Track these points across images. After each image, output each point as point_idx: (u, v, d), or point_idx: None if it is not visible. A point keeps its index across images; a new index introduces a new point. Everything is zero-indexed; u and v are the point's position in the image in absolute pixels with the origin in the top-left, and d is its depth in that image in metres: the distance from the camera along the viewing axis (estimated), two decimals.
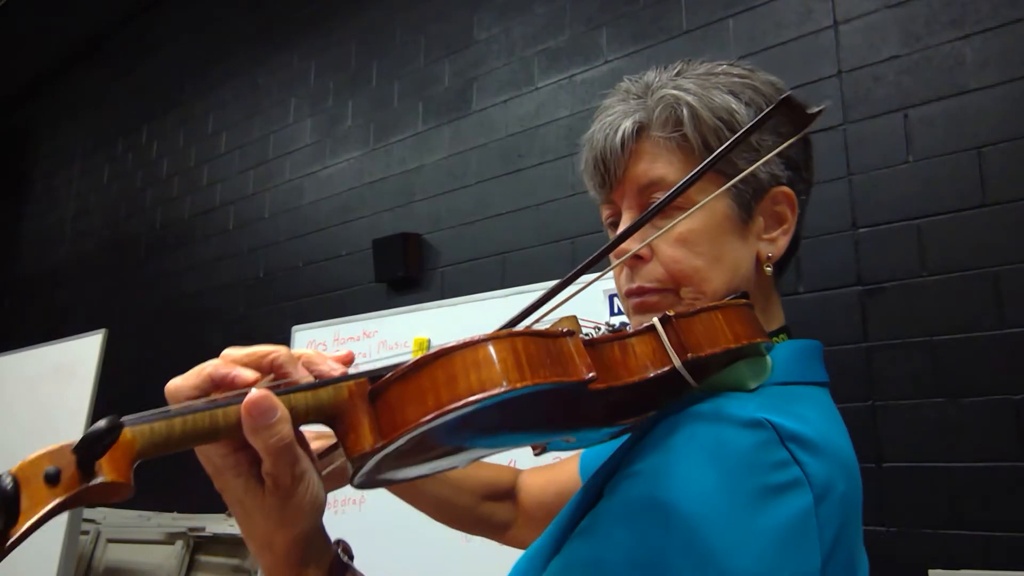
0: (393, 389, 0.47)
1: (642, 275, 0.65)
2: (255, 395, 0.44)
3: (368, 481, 0.52)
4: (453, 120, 2.83)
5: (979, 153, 1.74)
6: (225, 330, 3.50)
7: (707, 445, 0.52)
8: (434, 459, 0.56)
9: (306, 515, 0.48)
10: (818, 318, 1.87)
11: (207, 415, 0.44)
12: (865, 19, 1.94)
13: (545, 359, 0.47)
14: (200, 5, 4.22)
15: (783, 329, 0.69)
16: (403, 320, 2.28)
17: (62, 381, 2.92)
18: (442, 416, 0.44)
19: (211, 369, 0.48)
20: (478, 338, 0.46)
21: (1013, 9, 1.74)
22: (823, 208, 1.91)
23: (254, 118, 3.68)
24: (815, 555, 0.50)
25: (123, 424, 0.40)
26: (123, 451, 0.40)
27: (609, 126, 0.65)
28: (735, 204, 0.64)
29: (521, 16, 2.70)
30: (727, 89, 0.64)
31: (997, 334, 1.66)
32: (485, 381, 0.44)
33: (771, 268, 0.66)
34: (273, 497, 0.47)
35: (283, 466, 0.46)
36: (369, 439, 0.47)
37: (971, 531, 1.62)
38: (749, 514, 0.49)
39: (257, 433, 0.44)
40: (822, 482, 0.52)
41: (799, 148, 0.67)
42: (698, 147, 0.62)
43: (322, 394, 0.48)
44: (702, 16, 2.23)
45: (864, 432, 1.77)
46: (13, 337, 3.97)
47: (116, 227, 4.41)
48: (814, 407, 0.60)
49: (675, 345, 0.54)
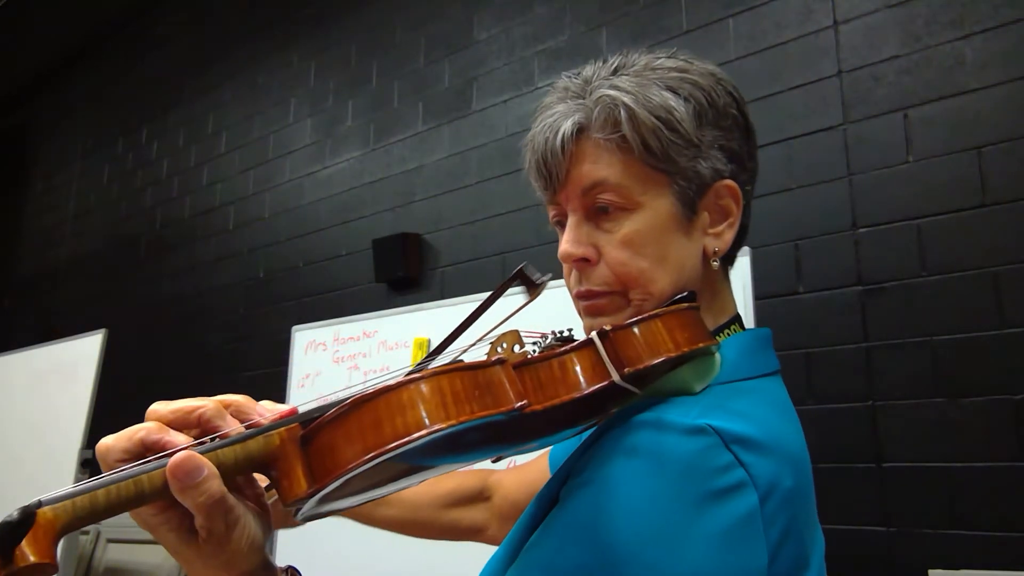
0: (323, 434, 0.47)
1: (590, 278, 0.65)
2: (179, 457, 0.44)
3: (313, 516, 0.53)
4: (453, 120, 2.83)
5: (979, 153, 1.74)
6: (225, 330, 3.50)
7: (649, 455, 0.52)
8: (382, 485, 0.56)
9: (246, 556, 0.48)
10: (818, 318, 1.87)
11: (131, 483, 0.44)
12: (865, 19, 1.94)
13: (472, 393, 0.48)
14: (200, 5, 4.22)
15: (734, 319, 0.69)
16: (403, 320, 2.28)
17: (62, 381, 2.92)
18: (373, 459, 0.45)
19: (143, 434, 0.47)
20: (403, 380, 0.47)
21: (1013, 9, 1.74)
22: (823, 208, 1.91)
23: (254, 118, 3.68)
24: (761, 553, 0.52)
25: (36, 511, 0.41)
26: (45, 531, 0.41)
27: (549, 128, 0.65)
28: (678, 202, 0.64)
29: (521, 16, 2.70)
30: (664, 85, 0.63)
31: (997, 334, 1.66)
32: (411, 424, 0.45)
33: (717, 262, 0.67)
34: (209, 546, 0.47)
35: (216, 519, 0.46)
36: (302, 484, 0.47)
37: (971, 531, 1.62)
38: (692, 520, 0.50)
39: (185, 493, 0.44)
40: (767, 481, 0.53)
41: (741, 139, 0.67)
42: (637, 147, 0.62)
43: (251, 445, 0.48)
44: (702, 16, 2.23)
45: (864, 432, 1.77)
46: (13, 337, 3.98)
47: (116, 227, 4.41)
48: (761, 401, 0.61)
49: (613, 359, 0.54)
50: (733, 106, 0.67)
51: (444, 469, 0.61)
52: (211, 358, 3.53)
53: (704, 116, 0.64)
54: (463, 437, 0.50)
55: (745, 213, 0.69)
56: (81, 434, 2.72)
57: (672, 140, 0.62)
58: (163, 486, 0.44)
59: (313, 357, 2.49)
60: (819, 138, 1.95)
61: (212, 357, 3.53)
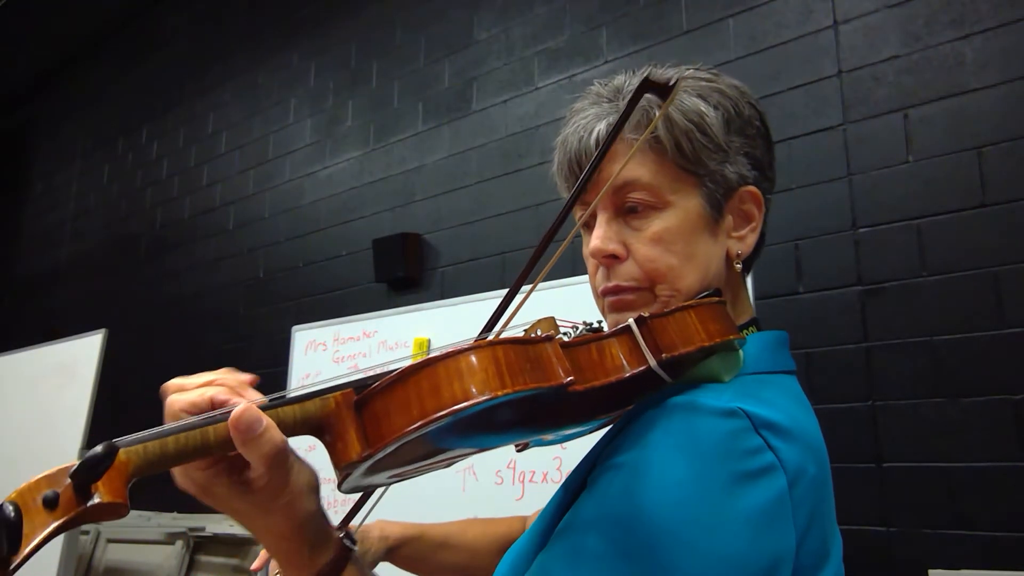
0: (379, 399, 0.48)
1: (618, 274, 0.66)
2: (239, 409, 0.46)
3: (355, 487, 0.54)
4: (453, 120, 2.83)
5: (979, 153, 1.74)
6: (225, 330, 3.51)
7: (683, 436, 0.54)
8: (421, 462, 0.58)
9: (305, 497, 0.51)
10: (818, 318, 1.87)
11: (198, 433, 0.46)
12: (865, 19, 1.94)
13: (525, 365, 0.49)
14: (200, 5, 4.22)
15: (752, 322, 0.71)
16: (403, 320, 2.28)
17: (62, 381, 2.92)
18: (427, 425, 0.46)
19: (213, 392, 0.51)
20: (460, 348, 0.48)
21: (1013, 9, 1.74)
22: (823, 208, 1.91)
23: (254, 118, 3.68)
24: (790, 535, 0.53)
25: (118, 448, 0.42)
26: (118, 472, 0.42)
27: (583, 128, 0.67)
28: (706, 203, 0.66)
29: (521, 16, 2.70)
30: (695, 92, 0.66)
31: (997, 334, 1.66)
32: (468, 390, 0.46)
33: (740, 265, 0.69)
34: (265, 493, 0.49)
35: (277, 469, 0.48)
36: (356, 448, 0.48)
37: (971, 531, 1.62)
38: (725, 500, 0.51)
39: (248, 444, 0.47)
40: (795, 466, 0.55)
41: (763, 148, 0.70)
42: (671, 148, 0.64)
43: (309, 406, 0.50)
44: (702, 16, 2.23)
45: (864, 432, 1.77)
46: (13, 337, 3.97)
47: (116, 227, 4.41)
48: (783, 394, 0.62)
49: (650, 345, 0.56)
50: (757, 117, 0.70)
51: (469, 452, 0.62)
52: (211, 358, 3.53)
53: (732, 123, 0.66)
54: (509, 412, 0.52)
55: (765, 220, 0.71)
56: (81, 434, 2.72)
57: (703, 143, 0.64)
58: (228, 438, 0.46)
59: (313, 357, 2.49)
60: (819, 138, 1.95)
61: (212, 357, 3.53)
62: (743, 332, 0.68)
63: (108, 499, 0.40)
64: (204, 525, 2.99)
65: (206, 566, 2.98)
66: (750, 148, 0.68)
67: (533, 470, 1.84)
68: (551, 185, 0.75)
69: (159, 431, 0.45)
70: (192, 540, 3.01)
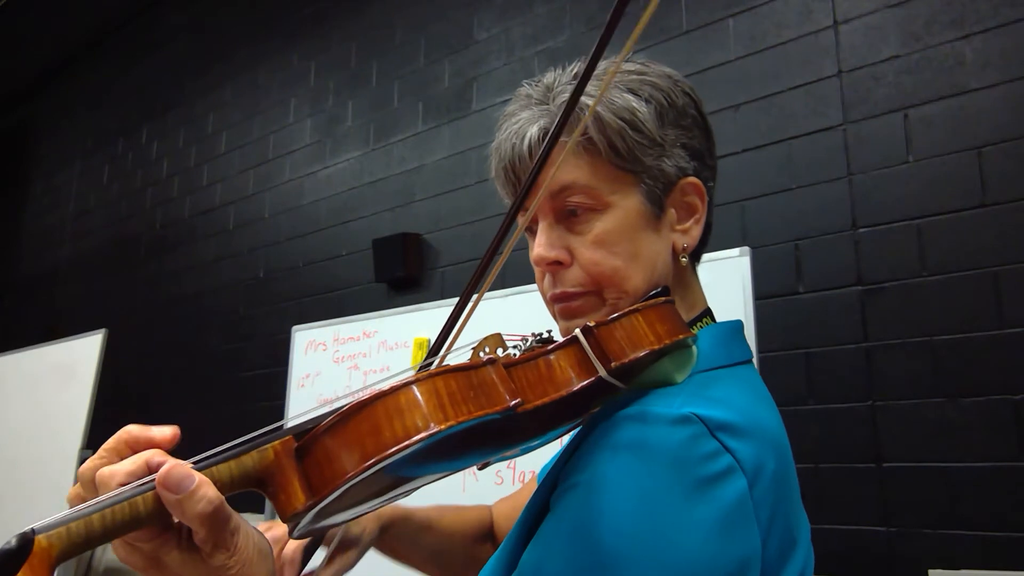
0: (319, 444, 0.47)
1: (564, 280, 0.65)
2: (166, 468, 0.43)
3: (308, 532, 0.52)
4: (453, 120, 2.83)
5: (979, 153, 1.74)
6: (225, 330, 3.50)
7: (636, 449, 0.53)
8: (375, 497, 0.56)
9: (256, 568, 0.47)
10: (818, 318, 1.87)
11: (126, 505, 0.43)
12: (865, 19, 1.94)
13: (468, 394, 0.48)
14: (200, 5, 4.22)
15: (705, 313, 0.70)
16: (403, 320, 2.28)
17: (62, 381, 2.92)
18: (371, 467, 0.44)
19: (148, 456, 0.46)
20: (398, 384, 0.46)
21: (1013, 9, 1.74)
22: (823, 208, 1.91)
23: (254, 118, 3.68)
24: (754, 536, 0.52)
25: (33, 538, 0.40)
26: (40, 559, 0.40)
27: (515, 134, 0.66)
28: (646, 200, 0.65)
29: (521, 16, 2.70)
30: (626, 88, 0.65)
31: (997, 334, 1.66)
32: (410, 427, 0.45)
33: (686, 258, 0.68)
34: (217, 559, 0.46)
35: (218, 528, 0.45)
36: (300, 498, 0.46)
37: (971, 531, 1.62)
38: (685, 509, 0.51)
39: (181, 505, 0.43)
40: (753, 465, 0.54)
41: (701, 137, 0.69)
42: (604, 149, 0.63)
43: (246, 460, 0.47)
44: (702, 16, 2.23)
45: (864, 432, 1.77)
46: (13, 337, 3.97)
47: (116, 227, 4.41)
48: (739, 388, 0.61)
49: (599, 355, 0.55)
50: (691, 106, 0.68)
51: (432, 478, 0.61)
52: (211, 358, 3.53)
53: (665, 116, 0.65)
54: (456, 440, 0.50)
55: (709, 210, 0.70)
56: (81, 434, 2.72)
57: (637, 140, 0.63)
58: (158, 505, 0.43)
59: (313, 357, 2.49)
60: (819, 138, 1.95)
61: (212, 357, 3.53)
62: (697, 325, 0.68)
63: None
64: None
65: None
66: (687, 139, 0.66)
67: (533, 470, 1.84)
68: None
69: (81, 509, 0.42)
70: None
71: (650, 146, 0.64)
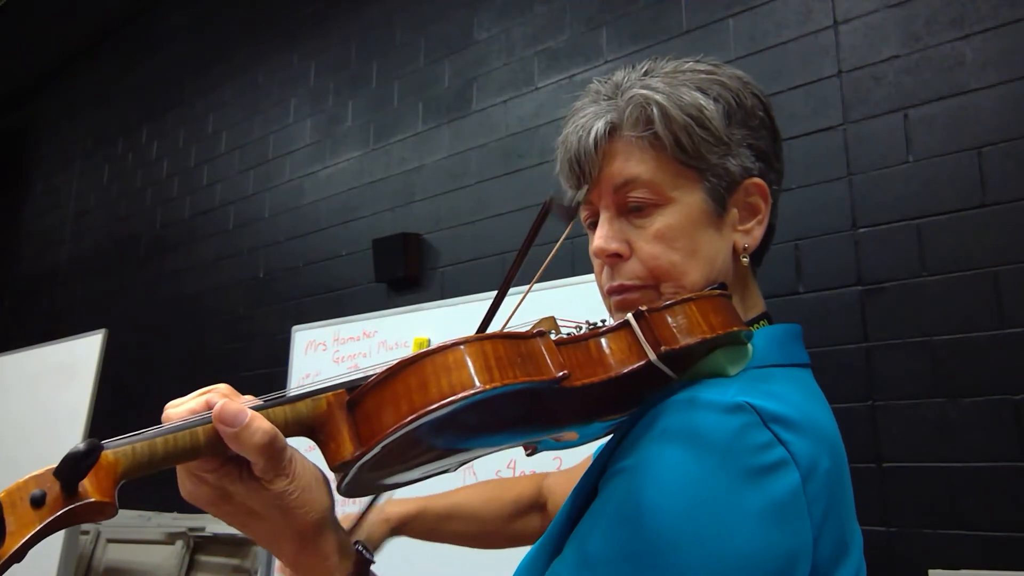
0: (369, 397, 0.48)
1: (622, 273, 0.66)
2: (222, 403, 0.46)
3: (356, 489, 0.54)
4: (453, 120, 2.83)
5: (979, 153, 1.74)
6: (225, 330, 3.50)
7: (686, 434, 0.52)
8: (423, 463, 0.57)
9: (314, 492, 0.50)
10: (818, 318, 1.87)
11: (187, 433, 0.45)
12: (865, 19, 1.94)
13: (515, 360, 0.48)
14: (200, 5, 4.22)
15: (763, 316, 0.70)
16: (403, 320, 2.28)
17: (62, 381, 2.92)
18: (417, 420, 0.45)
19: (208, 396, 0.50)
20: (449, 343, 0.48)
21: (1013, 9, 1.74)
22: (823, 208, 1.91)
23: (254, 118, 3.68)
24: (806, 531, 0.52)
25: (102, 446, 0.42)
26: (107, 472, 0.42)
27: (582, 128, 0.67)
28: (709, 198, 0.65)
29: (521, 16, 2.70)
30: (695, 86, 0.65)
31: (997, 334, 1.66)
32: (456, 384, 0.46)
33: (747, 258, 0.68)
34: (277, 485, 0.48)
35: (275, 456, 0.47)
36: (349, 447, 0.48)
37: (971, 531, 1.62)
38: (735, 498, 0.50)
39: (236, 438, 0.46)
40: (807, 460, 0.53)
41: (768, 139, 0.69)
42: (670, 144, 0.63)
43: (300, 407, 0.49)
44: (702, 16, 2.23)
45: (864, 432, 1.77)
46: (13, 337, 3.98)
47: (116, 227, 4.41)
48: (794, 387, 0.61)
49: (649, 339, 0.55)
50: (760, 108, 0.69)
51: (478, 452, 0.61)
52: (211, 358, 3.53)
53: (733, 115, 0.65)
54: (503, 409, 0.51)
55: (773, 212, 0.70)
56: (81, 434, 2.72)
57: (703, 137, 0.63)
58: (215, 436, 0.46)
59: (313, 357, 2.49)
60: (819, 138, 1.95)
61: (212, 357, 3.53)
62: (755, 326, 0.67)
63: (96, 498, 0.40)
64: (204, 525, 2.99)
65: (206, 566, 2.98)
66: (753, 140, 0.67)
67: (533, 469, 1.84)
68: (553, 184, 0.75)
69: (148, 432, 0.45)
70: (192, 540, 3.01)
71: (716, 144, 0.64)
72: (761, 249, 0.71)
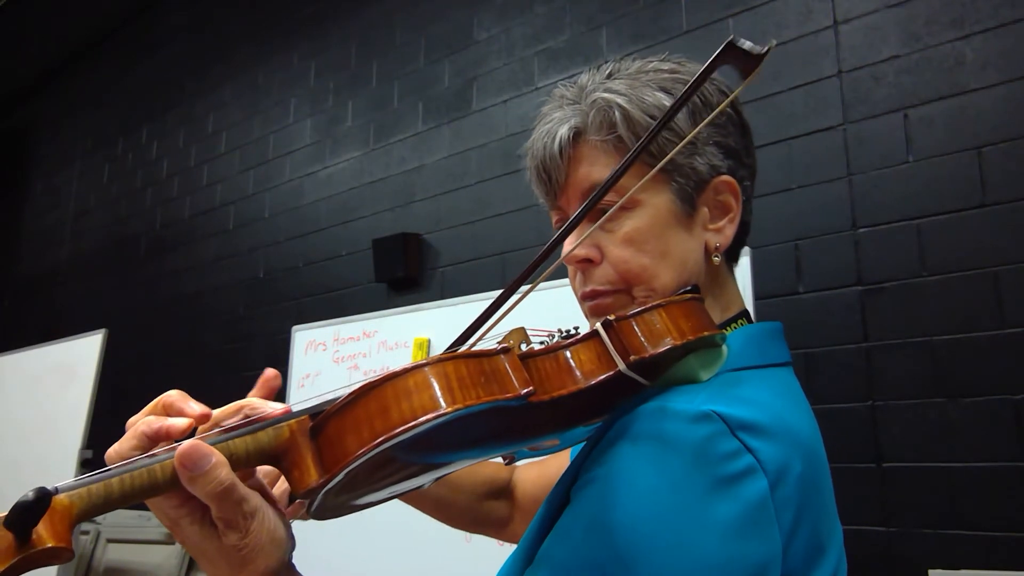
0: (331, 423, 0.48)
1: (594, 278, 0.65)
2: (186, 446, 0.45)
3: (326, 512, 0.53)
4: (453, 120, 2.83)
5: (979, 153, 1.74)
6: (225, 330, 3.51)
7: (654, 444, 0.52)
8: (395, 482, 0.56)
9: (266, 551, 0.49)
10: (818, 318, 1.87)
11: (144, 472, 0.45)
12: (865, 19, 1.94)
13: (478, 379, 0.48)
14: (200, 5, 4.22)
15: (741, 314, 0.69)
16: (403, 320, 2.28)
17: (62, 381, 2.92)
18: (379, 446, 0.45)
19: (142, 427, 0.49)
20: (409, 366, 0.47)
21: (1013, 9, 1.74)
22: (823, 208, 1.91)
23: (254, 118, 3.68)
24: (775, 539, 0.51)
25: (52, 492, 0.41)
26: (61, 516, 0.41)
27: (547, 134, 0.67)
28: (677, 198, 0.64)
29: (521, 16, 2.70)
30: (657, 86, 0.65)
31: (997, 334, 1.66)
32: (417, 408, 0.45)
33: (719, 257, 0.67)
34: (229, 538, 0.48)
35: (230, 509, 0.47)
36: (313, 475, 0.48)
37: (971, 531, 1.62)
38: (701, 509, 0.50)
39: (194, 482, 0.45)
40: (776, 466, 0.53)
41: (737, 135, 0.68)
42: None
43: (262, 436, 0.49)
44: (702, 16, 2.23)
45: (864, 432, 1.77)
46: (13, 337, 3.98)
47: (116, 227, 4.41)
48: (768, 389, 0.60)
49: (618, 348, 0.54)
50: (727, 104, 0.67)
51: (457, 466, 0.61)
52: (211, 358, 3.53)
53: (698, 114, 0.64)
54: (471, 428, 0.50)
55: (746, 209, 0.69)
56: (81, 434, 2.72)
57: (667, 138, 0.63)
58: (175, 475, 0.45)
59: (313, 357, 2.49)
60: (819, 138, 1.95)
61: (212, 357, 3.53)
62: (732, 325, 0.67)
63: (52, 543, 0.40)
64: None
65: None
66: (721, 137, 0.66)
67: None
68: None
69: (103, 473, 0.44)
70: None
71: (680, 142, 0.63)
72: (735, 246, 0.70)
